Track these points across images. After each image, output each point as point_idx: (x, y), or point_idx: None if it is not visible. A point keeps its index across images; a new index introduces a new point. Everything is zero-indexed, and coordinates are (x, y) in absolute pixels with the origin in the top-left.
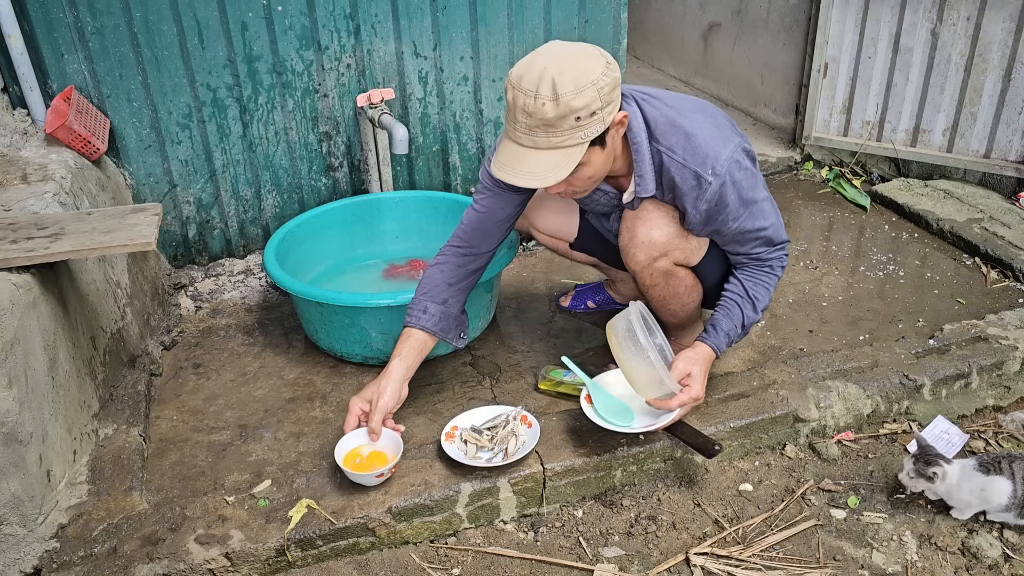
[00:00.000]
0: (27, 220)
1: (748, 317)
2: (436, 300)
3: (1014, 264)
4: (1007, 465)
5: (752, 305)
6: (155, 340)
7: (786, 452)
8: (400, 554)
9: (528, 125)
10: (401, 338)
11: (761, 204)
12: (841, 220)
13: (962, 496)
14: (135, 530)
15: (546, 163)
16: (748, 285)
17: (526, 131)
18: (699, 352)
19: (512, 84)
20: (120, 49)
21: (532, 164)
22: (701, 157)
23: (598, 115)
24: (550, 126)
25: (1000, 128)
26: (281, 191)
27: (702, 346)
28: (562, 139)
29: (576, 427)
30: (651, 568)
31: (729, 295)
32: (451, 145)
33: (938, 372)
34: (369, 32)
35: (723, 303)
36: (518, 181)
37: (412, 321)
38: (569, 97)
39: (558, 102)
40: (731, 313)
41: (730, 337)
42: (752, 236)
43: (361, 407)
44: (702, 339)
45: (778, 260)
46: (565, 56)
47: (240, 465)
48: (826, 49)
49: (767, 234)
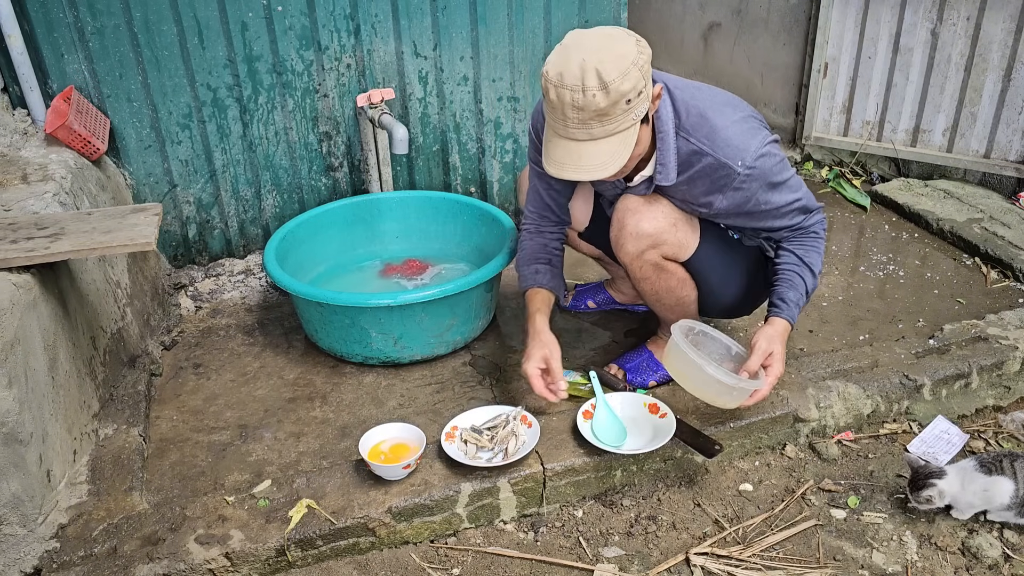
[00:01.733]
0: (27, 220)
1: (810, 283)
2: (542, 261)
3: (1014, 264)
4: (1008, 464)
5: (810, 271)
6: (155, 340)
7: (786, 452)
8: (400, 554)
9: (581, 119)
10: (529, 297)
11: (790, 181)
12: (841, 220)
13: (967, 499)
14: (135, 530)
15: (605, 151)
16: (800, 253)
17: (579, 125)
18: (777, 327)
19: (553, 83)
20: (120, 49)
21: (591, 156)
22: (732, 149)
23: (644, 93)
24: (604, 115)
25: (1000, 128)
26: (281, 191)
27: (779, 320)
28: (617, 124)
29: (576, 427)
30: (651, 568)
31: (786, 267)
32: (451, 145)
33: (938, 372)
34: (369, 32)
35: (782, 276)
36: (582, 176)
37: (530, 283)
38: (618, 83)
39: (608, 91)
40: (794, 283)
41: (799, 306)
42: (788, 209)
43: (540, 367)
44: (775, 313)
45: (819, 223)
46: (598, 43)
47: (240, 465)
48: (826, 49)
49: (802, 203)
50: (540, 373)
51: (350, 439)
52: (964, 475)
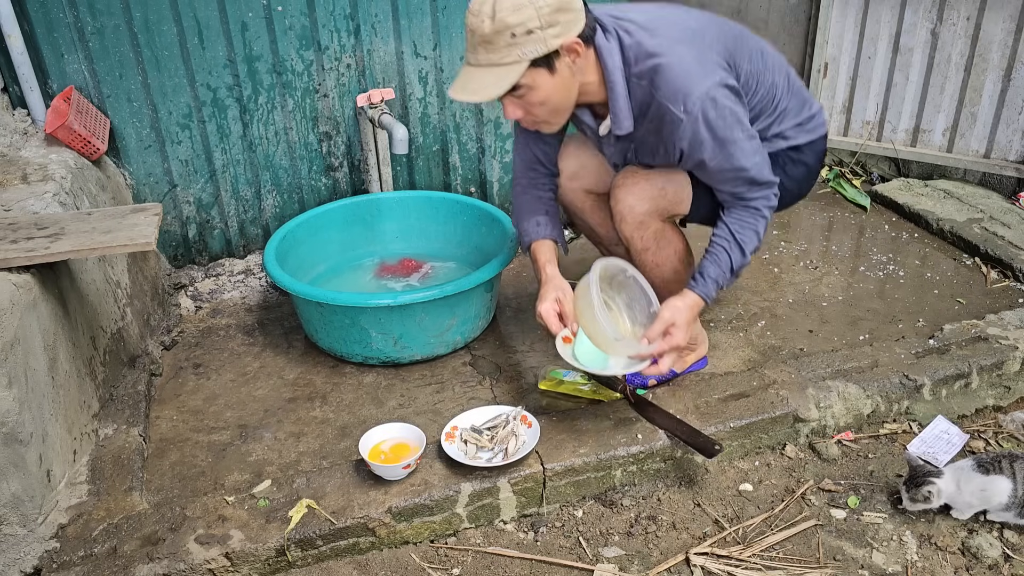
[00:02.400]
0: (27, 220)
1: (736, 261)
2: (540, 213)
3: (1014, 264)
4: (1007, 464)
5: (740, 249)
6: (155, 340)
7: (786, 452)
8: (400, 554)
9: (472, 44)
10: (536, 250)
11: (740, 144)
12: (841, 220)
13: (964, 499)
14: (135, 530)
15: (486, 80)
16: (735, 228)
17: (471, 50)
18: (687, 300)
19: (468, 9)
20: (120, 49)
21: (475, 81)
22: (672, 92)
23: (536, 35)
24: (488, 43)
25: (1000, 128)
26: (281, 191)
27: (691, 295)
28: (499, 56)
29: (576, 427)
30: (651, 568)
31: (716, 240)
32: (451, 145)
33: (938, 372)
34: (369, 32)
35: (710, 249)
36: (463, 97)
37: (533, 235)
38: (505, 15)
39: (494, 19)
40: (719, 259)
41: (719, 283)
42: (732, 175)
43: (554, 308)
44: (690, 287)
45: (764, 200)
46: None
47: (240, 465)
48: (826, 49)
49: (749, 175)
50: (555, 314)
51: (350, 439)
52: (961, 475)
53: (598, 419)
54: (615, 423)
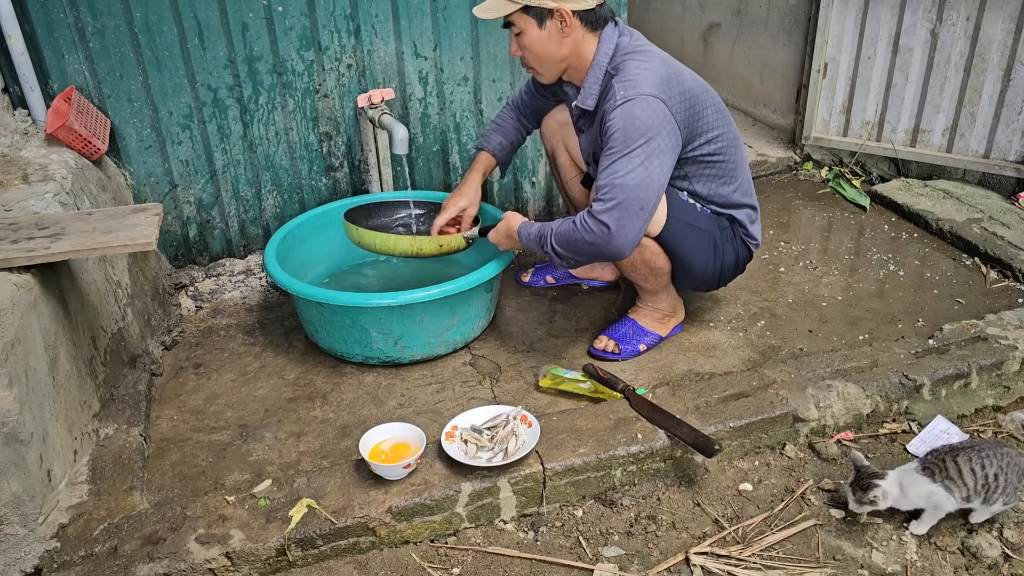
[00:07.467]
0: (28, 220)
1: (545, 238)
2: (499, 132)
3: (1014, 264)
4: (951, 462)
5: (552, 232)
6: (156, 340)
7: (786, 452)
8: (400, 554)
9: None
10: (476, 156)
11: (631, 155)
12: (841, 220)
13: (910, 501)
14: (136, 530)
15: (492, 5)
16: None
17: None
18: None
19: None
20: (121, 49)
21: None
22: (624, 80)
23: None
24: None
25: (1000, 128)
26: (281, 191)
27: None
28: None
29: (576, 427)
30: (651, 568)
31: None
32: (451, 145)
33: (938, 372)
34: (369, 32)
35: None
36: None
37: (483, 145)
38: None
39: None
40: (552, 224)
41: (530, 235)
42: (603, 172)
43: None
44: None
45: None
46: None
47: (240, 465)
48: (826, 49)
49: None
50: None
51: (350, 439)
52: (905, 477)
53: (598, 419)
54: (615, 423)
